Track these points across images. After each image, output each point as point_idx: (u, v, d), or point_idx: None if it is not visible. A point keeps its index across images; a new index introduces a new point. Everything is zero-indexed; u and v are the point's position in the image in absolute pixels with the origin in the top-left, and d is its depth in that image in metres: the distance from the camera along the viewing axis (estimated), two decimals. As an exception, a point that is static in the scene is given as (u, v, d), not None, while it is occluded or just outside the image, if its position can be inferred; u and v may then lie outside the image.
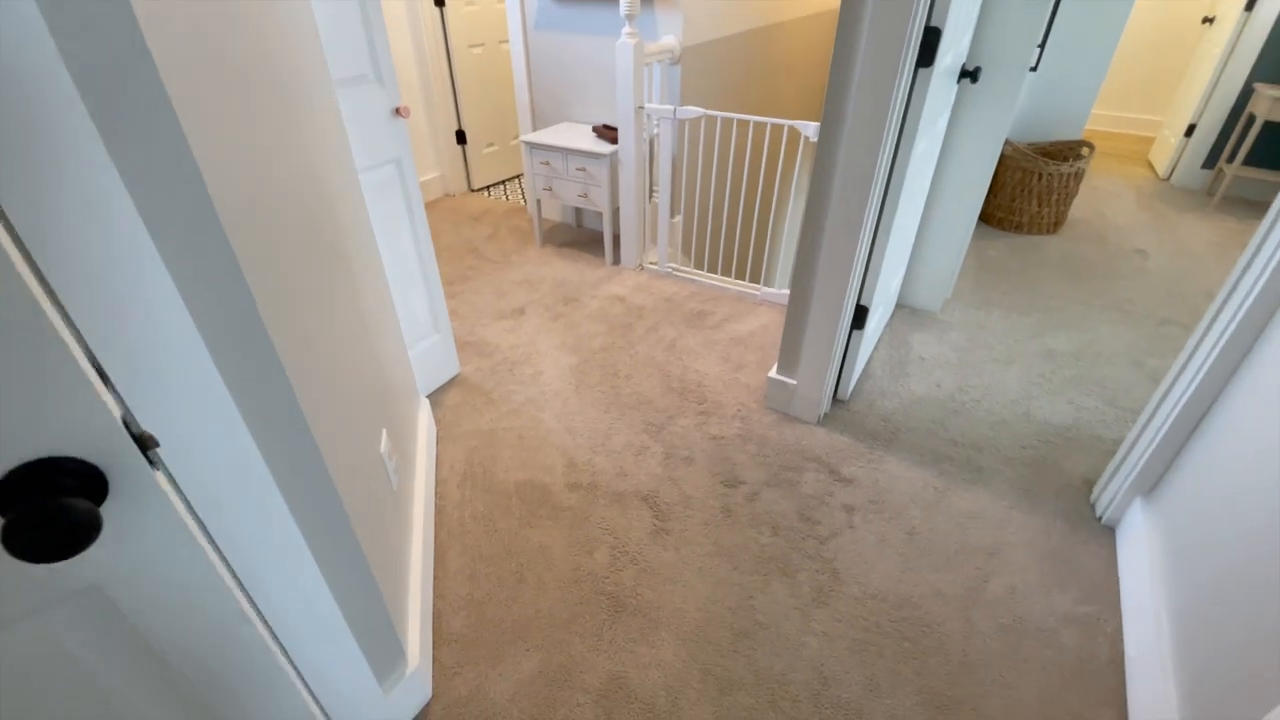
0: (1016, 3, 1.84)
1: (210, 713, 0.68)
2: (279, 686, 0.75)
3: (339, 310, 1.06)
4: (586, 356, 2.23)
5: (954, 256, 2.33)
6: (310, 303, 0.88)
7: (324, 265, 1.01)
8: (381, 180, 1.63)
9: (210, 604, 0.60)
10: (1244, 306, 1.22)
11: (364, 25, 1.47)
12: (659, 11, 2.53)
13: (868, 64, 1.36)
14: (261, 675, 0.71)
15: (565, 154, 2.71)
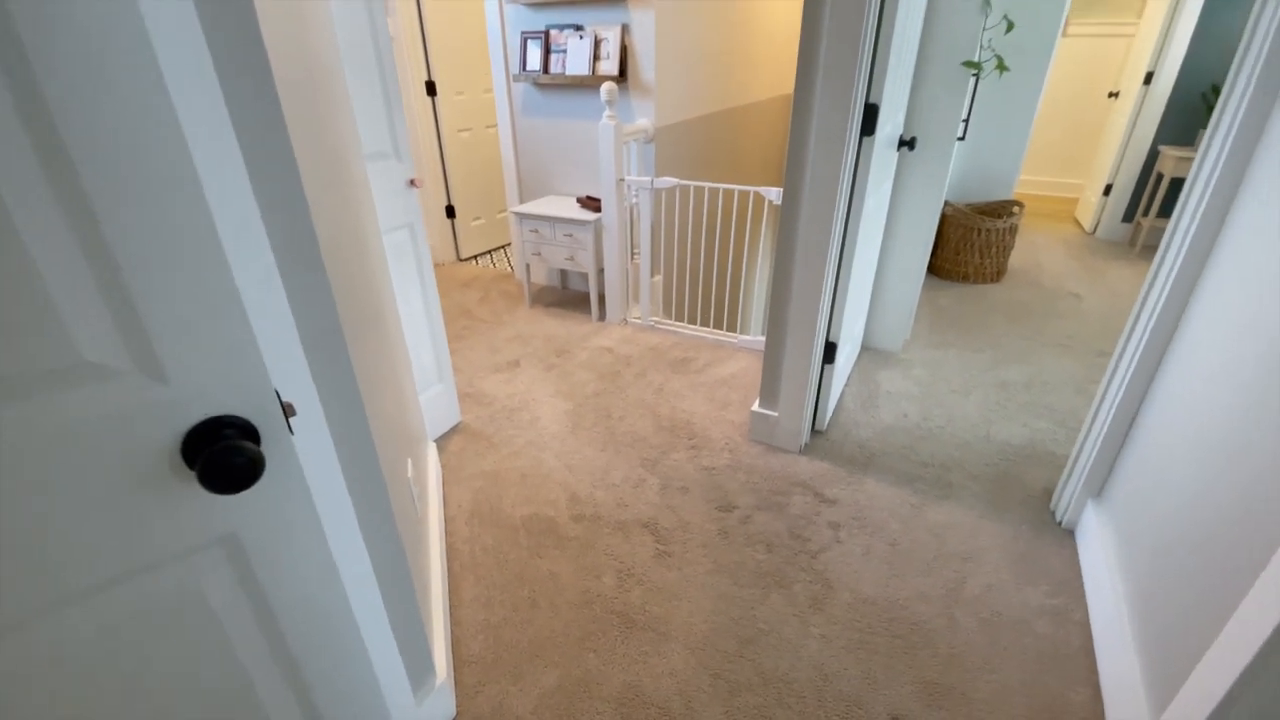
0: (940, 84, 2.17)
1: (298, 675, 0.76)
2: (356, 654, 0.83)
3: (378, 344, 1.20)
4: (581, 401, 2.37)
5: (909, 301, 2.58)
6: (364, 330, 1.03)
7: (368, 304, 1.16)
8: (397, 242, 1.81)
9: (314, 560, 0.71)
10: (1146, 331, 1.45)
11: (385, 108, 1.69)
12: (634, 98, 2.86)
13: (820, 135, 1.62)
14: (341, 640, 0.80)
15: (553, 222, 2.95)
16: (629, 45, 2.76)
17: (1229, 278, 1.23)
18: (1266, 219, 1.14)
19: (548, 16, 2.90)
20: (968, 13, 2.04)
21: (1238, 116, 1.23)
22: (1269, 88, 1.18)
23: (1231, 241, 1.25)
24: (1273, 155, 1.16)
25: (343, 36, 1.52)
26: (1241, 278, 1.19)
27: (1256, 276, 1.13)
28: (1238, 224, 1.24)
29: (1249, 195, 1.22)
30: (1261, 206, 1.16)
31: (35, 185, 0.45)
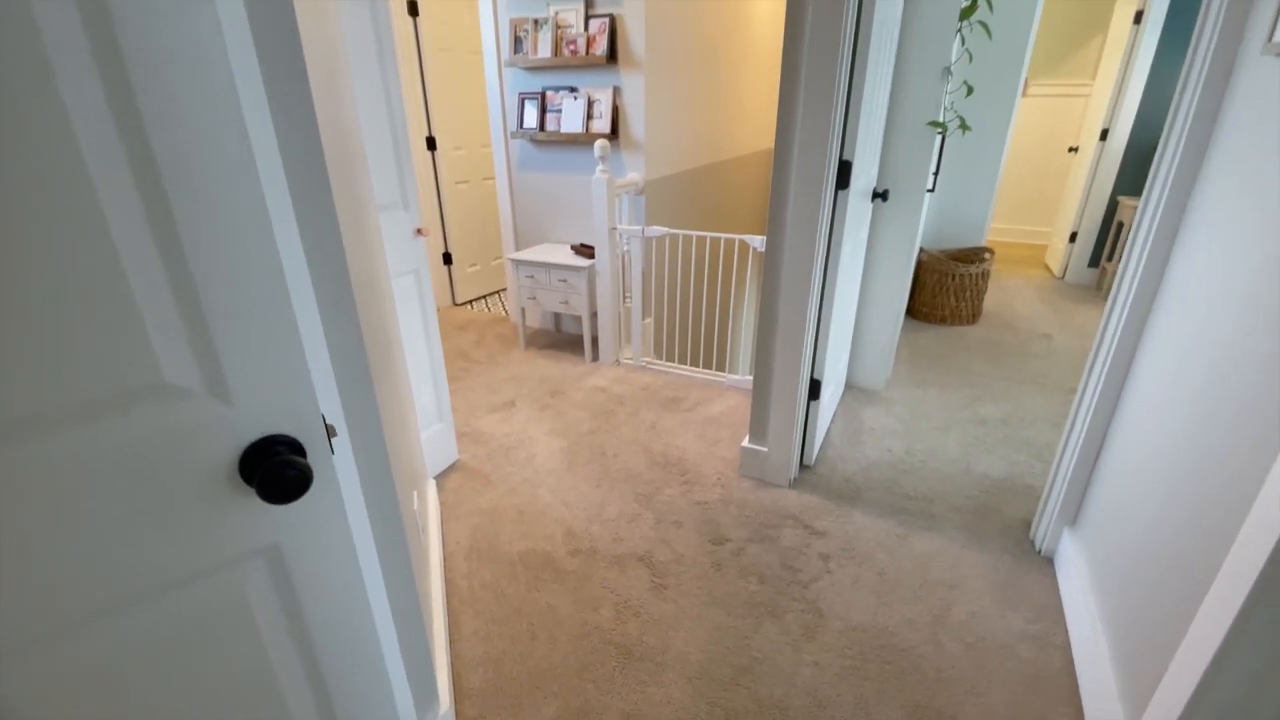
0: (908, 141, 2.36)
1: (323, 685, 0.81)
2: (376, 669, 0.88)
3: (391, 381, 1.28)
4: (575, 440, 2.43)
5: (889, 342, 2.71)
6: (381, 366, 1.11)
7: (383, 343, 1.25)
8: (404, 287, 1.91)
9: (344, 573, 0.77)
10: (1105, 367, 1.57)
11: (396, 162, 1.82)
12: (625, 154, 3.04)
13: (799, 189, 1.76)
14: (364, 654, 0.85)
15: (549, 268, 3.08)
16: (620, 106, 2.96)
17: (1173, 314, 1.36)
18: (1202, 262, 1.27)
19: (544, 79, 3.10)
20: (930, 79, 2.24)
21: (1171, 170, 1.37)
22: (1197, 147, 1.33)
23: (1174, 281, 1.38)
24: (1204, 203, 1.30)
25: (360, 95, 1.66)
26: (1183, 314, 1.31)
27: (1195, 312, 1.25)
28: (1178, 266, 1.37)
29: (1187, 239, 1.36)
30: (1195, 252, 1.30)
31: (141, 233, 0.54)
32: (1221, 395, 1.09)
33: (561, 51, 2.95)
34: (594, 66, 2.94)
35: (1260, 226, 1.05)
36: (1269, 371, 0.96)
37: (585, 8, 2.85)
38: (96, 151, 0.50)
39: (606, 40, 2.82)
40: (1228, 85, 1.25)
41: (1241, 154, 1.16)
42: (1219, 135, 1.27)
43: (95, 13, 0.48)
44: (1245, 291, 1.07)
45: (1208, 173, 1.29)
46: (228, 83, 0.55)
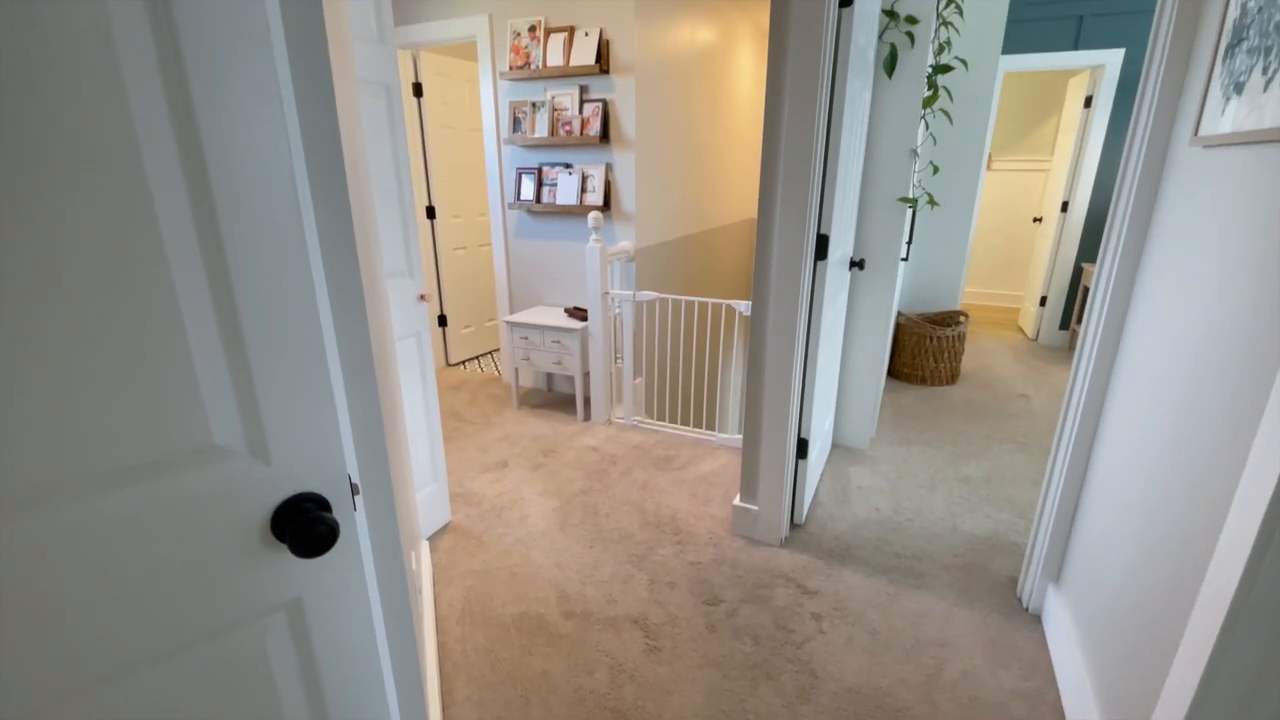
0: (882, 214, 2.53)
1: (328, 744, 0.82)
2: None
3: (395, 442, 1.33)
4: (568, 499, 2.45)
5: (872, 402, 2.80)
6: (389, 429, 1.17)
7: (389, 403, 1.30)
8: (406, 349, 1.98)
9: (359, 627, 0.80)
10: (1075, 423, 1.66)
11: (403, 232, 1.93)
12: (616, 224, 3.20)
13: (780, 260, 1.89)
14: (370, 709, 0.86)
15: (543, 330, 3.17)
16: (612, 181, 3.15)
17: (1133, 375, 1.46)
18: (1155, 327, 1.39)
19: (541, 156, 3.30)
20: (899, 160, 2.44)
21: (1120, 244, 1.51)
22: (1140, 224, 1.47)
23: (1131, 343, 1.49)
24: (1152, 274, 1.43)
25: (374, 171, 1.78)
26: (1141, 375, 1.41)
27: (1152, 371, 1.36)
28: (1134, 329, 1.49)
29: (1139, 305, 1.48)
30: (1148, 317, 1.42)
31: (204, 302, 0.61)
32: (1180, 450, 1.17)
33: (558, 132, 3.15)
34: (588, 145, 3.14)
35: (1202, 294, 1.17)
36: (1224, 424, 1.04)
37: (580, 93, 3.08)
38: (175, 239, 0.58)
39: (600, 122, 3.03)
40: (1164, 169, 1.40)
41: (1180, 233, 1.29)
42: (1159, 214, 1.41)
43: (188, 135, 0.57)
44: (1195, 353, 1.17)
45: (1152, 246, 1.43)
46: (289, 181, 0.64)
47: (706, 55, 3.80)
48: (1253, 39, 1.02)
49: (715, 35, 3.90)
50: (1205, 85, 1.17)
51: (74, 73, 0.51)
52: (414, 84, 3.68)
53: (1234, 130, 1.04)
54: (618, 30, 2.93)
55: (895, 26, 2.27)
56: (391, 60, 1.80)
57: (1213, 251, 1.12)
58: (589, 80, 3.06)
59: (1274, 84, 0.94)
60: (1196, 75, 1.26)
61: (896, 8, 2.25)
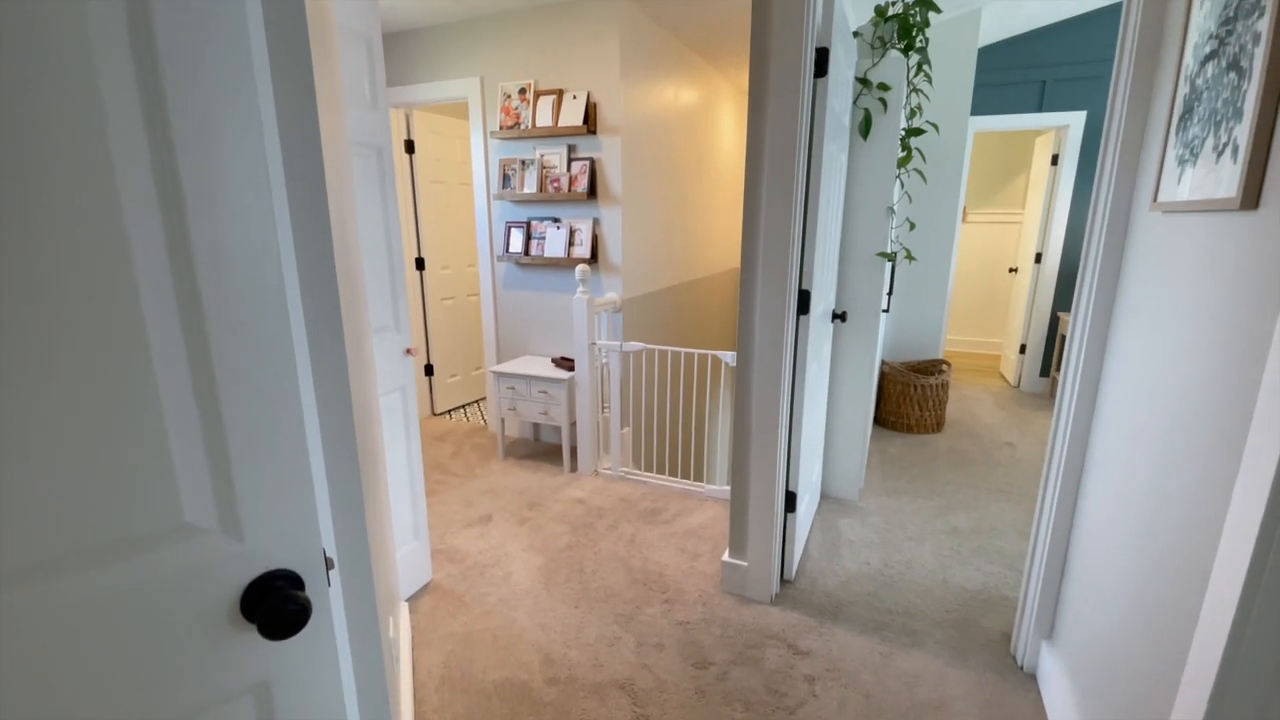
0: (862, 269, 2.60)
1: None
2: None
3: (375, 502, 1.30)
4: (553, 556, 2.39)
5: (859, 452, 2.80)
6: (370, 494, 1.14)
7: (371, 463, 1.28)
8: (390, 404, 1.96)
9: (330, 711, 0.76)
10: (1059, 476, 1.67)
11: (391, 288, 1.94)
12: (603, 275, 3.25)
13: (763, 316, 1.92)
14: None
15: (530, 380, 3.17)
16: (599, 235, 3.21)
17: (1114, 424, 1.48)
18: (1131, 377, 1.41)
19: (529, 211, 3.37)
20: (876, 217, 2.52)
21: (1092, 298, 1.56)
22: (1110, 279, 1.52)
23: (1108, 395, 1.52)
24: (1124, 329, 1.47)
25: (363, 228, 1.80)
26: (1122, 425, 1.43)
27: (1132, 426, 1.38)
28: (1111, 381, 1.52)
29: (1115, 353, 1.51)
30: (1126, 367, 1.45)
31: (182, 377, 0.61)
32: (1160, 503, 1.18)
33: (546, 188, 3.23)
34: (575, 201, 3.22)
35: (1174, 350, 1.20)
36: (1204, 472, 1.06)
37: (568, 152, 3.18)
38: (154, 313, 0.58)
39: (587, 179, 3.11)
40: (1128, 230, 1.46)
41: (1149, 292, 1.34)
42: (1127, 272, 1.46)
43: (174, 218, 0.58)
44: (1171, 410, 1.19)
45: (1123, 302, 1.47)
46: (275, 260, 0.64)
47: (690, 113, 3.96)
48: (1203, 114, 1.08)
49: (697, 95, 4.07)
50: (1161, 154, 1.24)
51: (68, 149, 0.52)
52: (406, 141, 3.77)
53: (1191, 198, 1.09)
54: (604, 93, 3.04)
55: (868, 93, 2.38)
56: (383, 123, 1.85)
57: (1182, 311, 1.16)
58: (577, 140, 3.16)
59: (1224, 157, 0.99)
60: (1152, 144, 1.33)
61: (869, 75, 2.37)
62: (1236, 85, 0.97)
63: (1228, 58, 1.01)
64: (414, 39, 3.45)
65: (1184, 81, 1.17)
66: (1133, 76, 1.38)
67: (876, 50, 2.37)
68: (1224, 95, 1.01)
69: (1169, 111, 1.22)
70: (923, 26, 2.36)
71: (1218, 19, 1.06)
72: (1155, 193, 1.25)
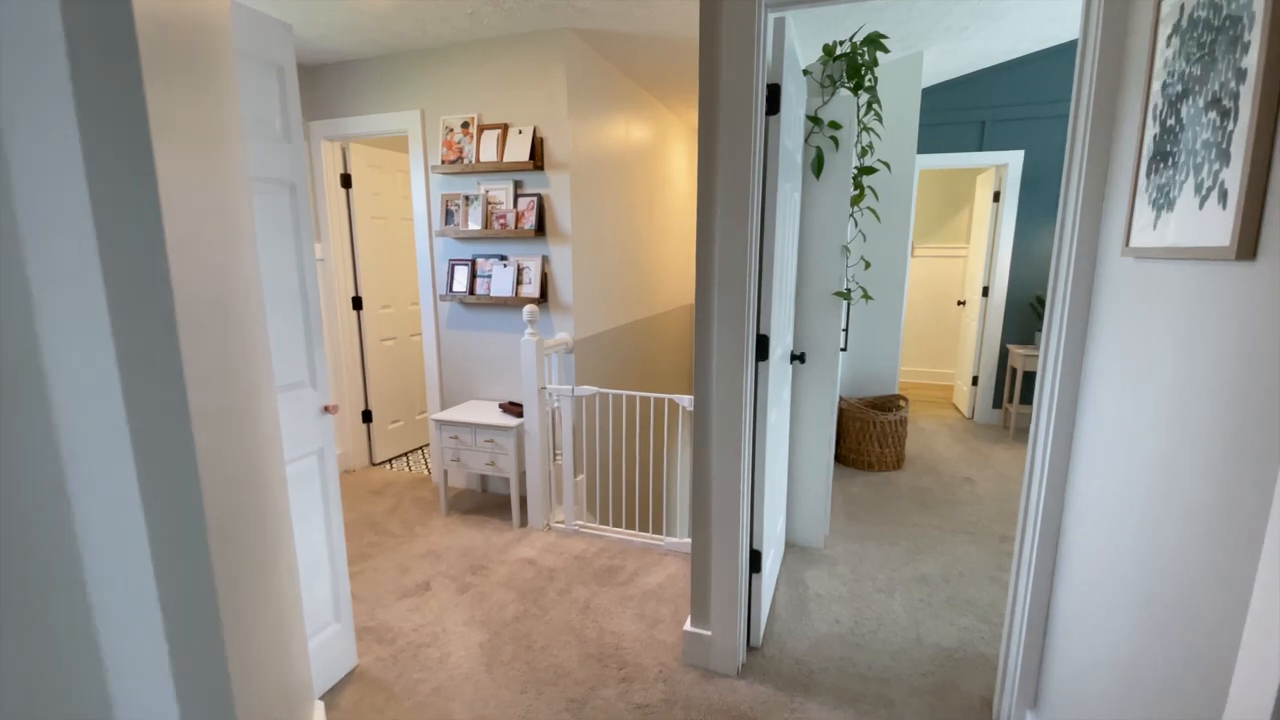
0: (818, 310, 2.52)
1: None
2: None
3: (266, 598, 1.08)
4: (498, 629, 2.16)
5: (823, 497, 2.68)
6: (256, 586, 0.93)
7: (262, 553, 1.06)
8: (304, 470, 1.73)
9: None
10: (1036, 534, 1.57)
11: (306, 340, 1.73)
12: (554, 315, 3.09)
13: (722, 364, 1.79)
14: None
15: (475, 429, 2.95)
16: (549, 272, 3.06)
17: (1094, 467, 1.39)
18: (1110, 420, 1.33)
19: (474, 248, 3.20)
20: (831, 256, 2.45)
21: (1061, 341, 1.48)
22: (1080, 318, 1.45)
23: (1088, 435, 1.43)
24: (1098, 370, 1.39)
25: (270, 273, 1.60)
26: (1101, 469, 1.34)
27: (1114, 469, 1.28)
28: (1088, 419, 1.43)
29: (1090, 395, 1.43)
30: (1100, 409, 1.36)
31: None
32: (1158, 562, 1.07)
33: (492, 225, 3.07)
34: (523, 238, 3.07)
35: (1158, 401, 1.11)
36: (1203, 520, 0.95)
37: (514, 188, 3.04)
38: None
39: (535, 216, 2.97)
40: (1095, 275, 1.39)
41: (1125, 339, 1.26)
42: (1098, 316, 1.39)
43: None
44: (1158, 465, 1.10)
45: (1095, 347, 1.40)
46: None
47: (642, 149, 3.90)
48: (1178, 156, 1.01)
49: (649, 131, 4.01)
50: (1131, 197, 1.17)
51: None
52: (343, 175, 3.57)
53: (1173, 245, 1.01)
54: (552, 128, 2.93)
55: (820, 131, 2.34)
56: (297, 158, 1.67)
57: (1165, 365, 1.07)
58: (523, 175, 3.03)
59: (1209, 202, 0.92)
60: (1119, 186, 1.27)
61: (820, 114, 2.32)
62: (1219, 125, 0.90)
63: (1206, 96, 0.94)
64: (351, 70, 3.29)
65: (1153, 121, 1.11)
66: (1093, 116, 1.33)
67: (827, 89, 2.34)
68: (1204, 136, 0.94)
69: (1137, 152, 1.16)
70: (871, 65, 2.34)
71: (1190, 56, 1.00)
72: (1126, 238, 1.18)
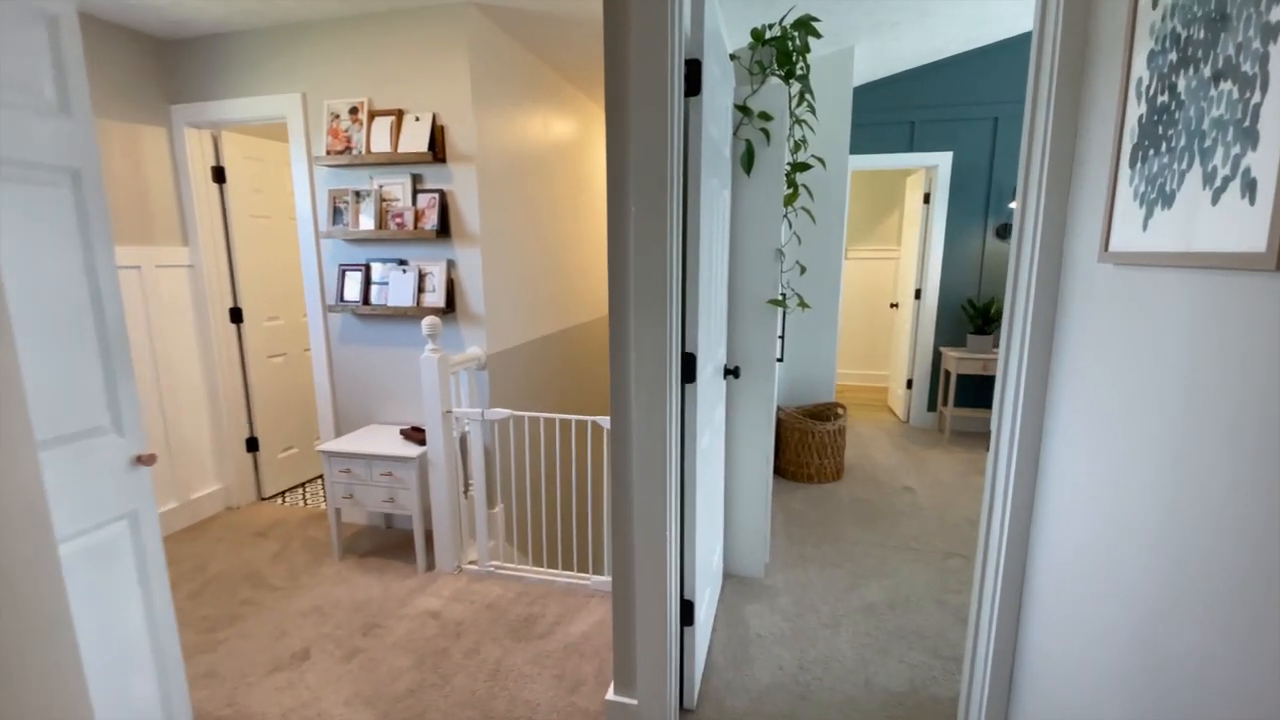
0: (752, 323, 2.30)
1: None
2: None
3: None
4: (387, 709, 1.81)
5: (762, 522, 2.47)
6: None
7: None
8: (106, 541, 1.34)
9: None
10: (999, 576, 1.38)
11: (105, 375, 1.34)
12: (463, 327, 2.75)
13: (641, 389, 1.52)
14: None
15: (369, 460, 2.57)
16: (455, 279, 2.71)
17: (1071, 506, 1.20)
18: (1087, 441, 1.14)
19: (368, 251, 2.81)
20: (765, 261, 2.24)
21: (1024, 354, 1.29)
22: (1043, 336, 1.26)
23: (1057, 459, 1.25)
24: (1066, 393, 1.21)
25: (28, 283, 1.21)
26: (1087, 508, 1.15)
27: (1101, 509, 1.09)
28: (1056, 440, 1.25)
29: (1061, 410, 1.24)
30: (1073, 426, 1.18)
31: None
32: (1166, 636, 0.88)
33: (387, 225, 2.70)
34: (424, 240, 2.71)
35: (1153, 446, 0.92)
36: (1224, 603, 0.75)
37: (413, 182, 2.67)
38: None
39: (437, 215, 2.62)
40: (1061, 283, 1.21)
41: (1099, 363, 1.08)
42: (1066, 329, 1.21)
43: None
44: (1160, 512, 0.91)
45: (1062, 364, 1.22)
46: None
47: (562, 143, 3.60)
48: (1176, 139, 0.82)
49: (569, 124, 3.72)
50: (1110, 192, 0.98)
51: None
52: (214, 168, 3.08)
53: (1176, 249, 0.81)
54: (454, 116, 2.59)
55: (749, 123, 2.12)
56: (86, 139, 1.28)
57: (1163, 400, 0.88)
58: (423, 169, 2.67)
59: (1226, 195, 0.72)
60: (1090, 180, 1.09)
61: (750, 104, 2.10)
62: (1237, 99, 0.70)
63: (1215, 63, 0.75)
64: (220, 46, 2.83)
65: (1137, 100, 0.92)
66: (1055, 98, 1.14)
67: (756, 76, 2.12)
68: (1214, 113, 0.74)
69: (1116, 139, 0.97)
70: (803, 51, 2.14)
71: (1189, 16, 0.80)
72: (1105, 240, 0.99)
